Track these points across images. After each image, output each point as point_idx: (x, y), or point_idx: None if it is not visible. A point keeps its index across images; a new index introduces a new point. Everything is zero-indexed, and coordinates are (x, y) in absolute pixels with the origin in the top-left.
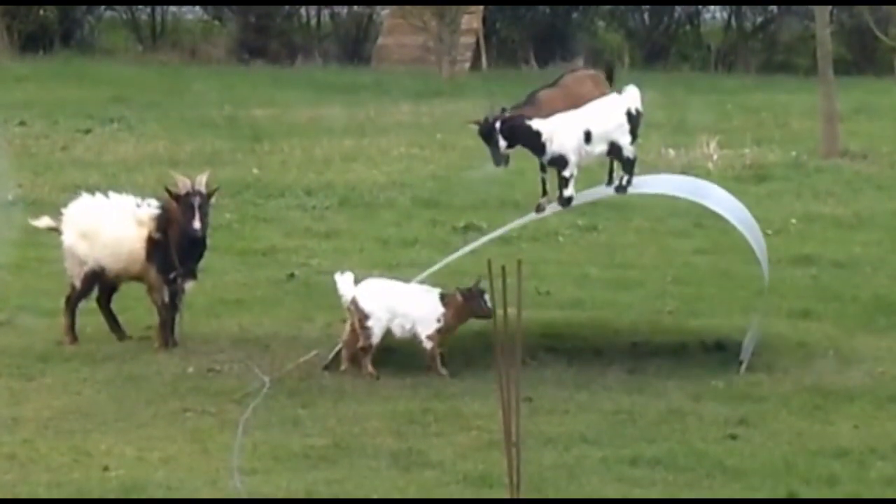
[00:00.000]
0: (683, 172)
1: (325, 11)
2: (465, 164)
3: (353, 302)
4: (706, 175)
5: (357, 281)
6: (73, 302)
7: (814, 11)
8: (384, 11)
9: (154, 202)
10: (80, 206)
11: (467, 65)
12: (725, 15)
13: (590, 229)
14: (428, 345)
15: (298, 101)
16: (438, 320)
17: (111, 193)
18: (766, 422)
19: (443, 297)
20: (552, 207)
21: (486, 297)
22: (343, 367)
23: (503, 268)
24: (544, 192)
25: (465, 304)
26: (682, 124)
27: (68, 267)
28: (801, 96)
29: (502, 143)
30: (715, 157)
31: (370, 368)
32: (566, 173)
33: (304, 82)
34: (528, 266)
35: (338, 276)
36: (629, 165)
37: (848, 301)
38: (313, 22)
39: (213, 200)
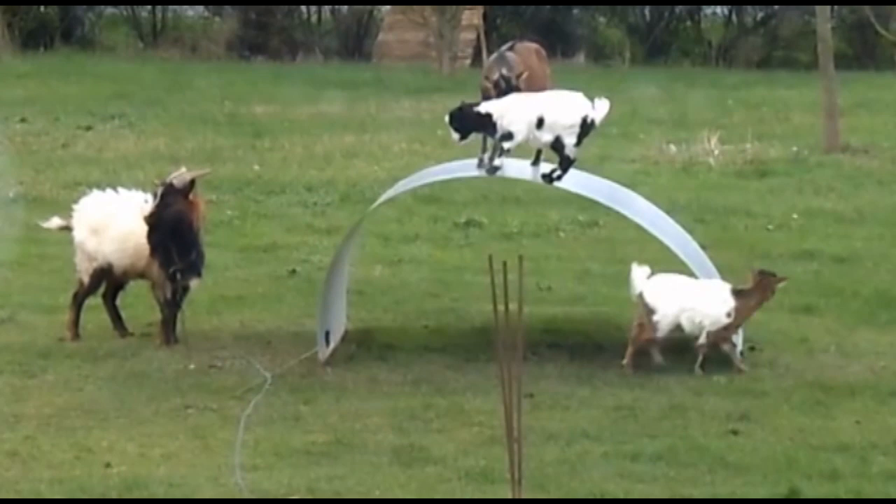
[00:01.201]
0: (684, 168)
1: (326, 7)
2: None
3: (640, 297)
4: (707, 171)
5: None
6: (80, 298)
7: (814, 7)
8: (385, 8)
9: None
10: (91, 201)
11: (468, 61)
12: (726, 10)
13: (591, 225)
14: (725, 347)
15: (299, 97)
16: (729, 315)
17: (120, 189)
18: (767, 417)
19: (736, 292)
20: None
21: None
22: (625, 361)
23: (504, 263)
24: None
25: (761, 293)
26: (683, 120)
27: (78, 262)
28: (802, 91)
29: (454, 135)
30: (716, 152)
31: (659, 358)
32: (506, 144)
33: (305, 78)
34: (529, 262)
35: (634, 268)
36: (567, 163)
37: (849, 296)
38: (314, 18)
39: (192, 191)
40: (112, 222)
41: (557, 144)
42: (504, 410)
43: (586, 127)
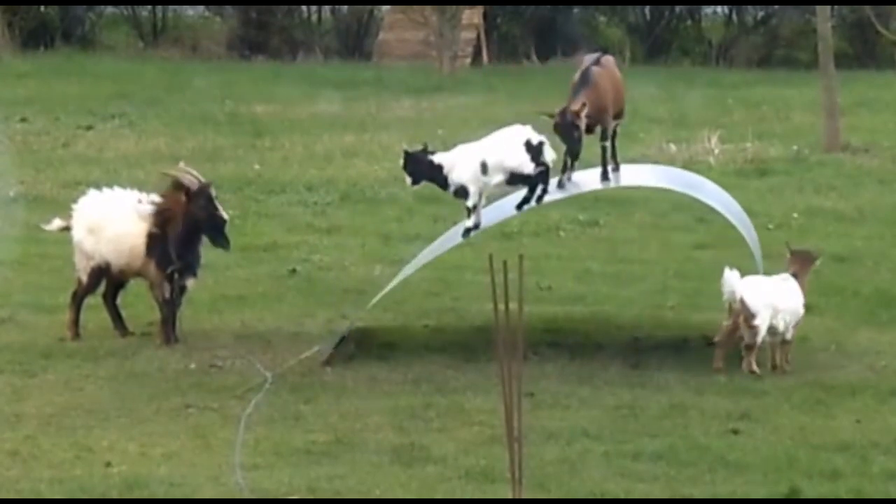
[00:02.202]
0: (684, 167)
1: (326, 7)
2: None
3: (742, 300)
4: (707, 170)
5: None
6: (79, 297)
7: (814, 6)
8: (385, 7)
9: (157, 197)
10: (88, 201)
11: (468, 60)
12: (726, 10)
13: (591, 224)
14: (790, 335)
15: (299, 96)
16: (804, 306)
17: (116, 188)
18: (767, 416)
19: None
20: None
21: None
22: (716, 364)
23: (504, 263)
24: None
25: (805, 274)
26: (684, 119)
27: (76, 262)
28: (803, 90)
29: (408, 179)
30: (716, 151)
31: (754, 366)
32: (468, 203)
33: (305, 78)
34: (530, 261)
35: (727, 271)
36: (541, 178)
37: (849, 295)
38: (314, 17)
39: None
40: (108, 221)
41: (515, 178)
42: (504, 410)
43: (533, 149)
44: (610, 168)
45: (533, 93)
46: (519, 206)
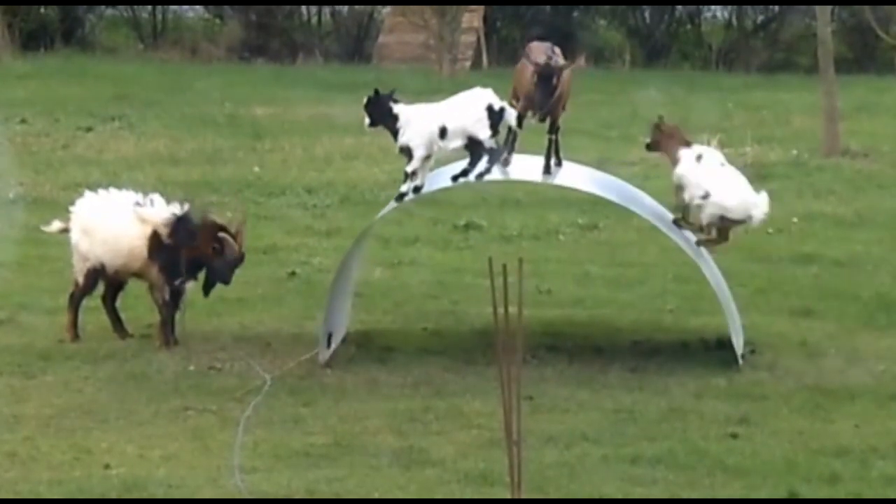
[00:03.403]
0: None
1: (326, 10)
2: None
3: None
4: None
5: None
6: (76, 298)
7: (815, 10)
8: (385, 10)
9: (158, 199)
10: (84, 203)
11: (468, 63)
12: (726, 14)
13: (591, 228)
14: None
15: (299, 99)
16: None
17: (112, 190)
18: (767, 420)
19: None
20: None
21: None
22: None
23: (504, 266)
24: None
25: None
26: (684, 123)
27: (74, 263)
28: (803, 95)
29: (366, 119)
30: None
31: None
32: (408, 168)
33: (305, 80)
34: (529, 264)
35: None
36: (492, 155)
37: (849, 300)
38: (314, 20)
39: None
40: (102, 224)
41: (472, 144)
42: (503, 413)
43: (495, 115)
44: (553, 163)
45: None
46: (455, 178)
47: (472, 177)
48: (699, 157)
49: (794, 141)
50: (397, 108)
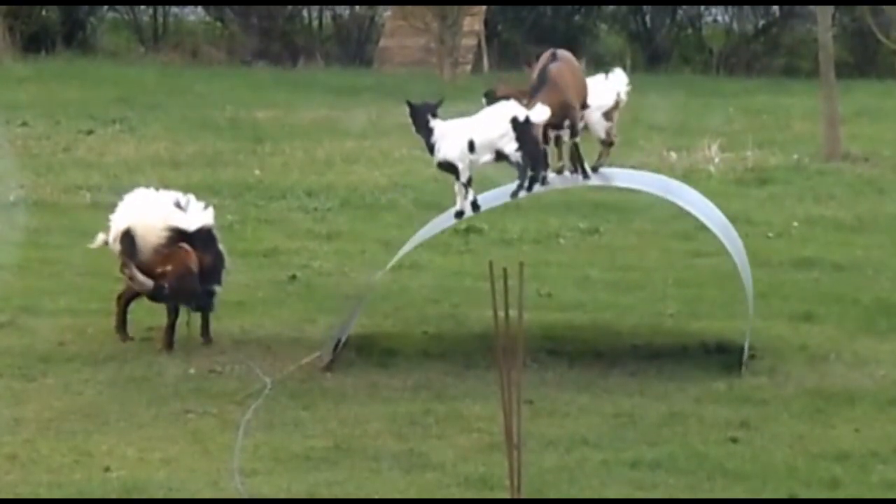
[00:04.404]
0: (685, 175)
1: (327, 13)
2: None
3: None
4: (707, 179)
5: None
6: (123, 300)
7: (816, 14)
8: (386, 13)
9: (193, 201)
10: (125, 202)
11: (469, 67)
12: (727, 18)
13: (591, 232)
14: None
15: (300, 102)
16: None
17: (152, 190)
18: (767, 425)
19: None
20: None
21: None
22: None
23: (504, 270)
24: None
25: None
26: (684, 127)
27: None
28: (803, 99)
29: (412, 127)
30: (716, 159)
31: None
32: (461, 180)
33: (306, 84)
34: (530, 268)
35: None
36: (522, 170)
37: (849, 304)
38: (315, 24)
39: None
40: (138, 224)
41: (503, 158)
42: (504, 417)
43: (520, 126)
44: (585, 166)
45: None
46: (513, 195)
47: (523, 192)
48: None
49: (795, 145)
50: (434, 123)
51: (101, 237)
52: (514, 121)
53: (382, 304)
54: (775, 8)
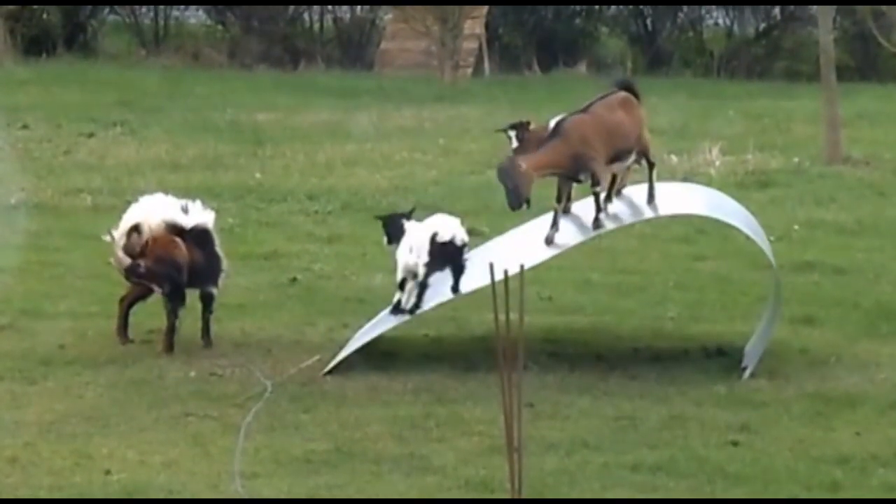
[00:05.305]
0: (686, 178)
1: (328, 16)
2: (468, 169)
3: None
4: (708, 182)
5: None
6: (126, 302)
7: (817, 17)
8: (387, 16)
9: (200, 205)
10: (139, 202)
11: (470, 70)
12: (728, 21)
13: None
14: None
15: (301, 105)
16: None
17: (158, 195)
18: (767, 428)
19: None
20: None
21: None
22: None
23: (505, 272)
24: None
25: None
26: (685, 130)
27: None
28: (804, 102)
29: (384, 238)
30: (717, 163)
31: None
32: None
33: (307, 87)
34: (530, 271)
35: None
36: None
37: (850, 308)
38: (316, 27)
39: None
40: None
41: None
42: (504, 420)
43: (434, 245)
44: (601, 215)
45: (534, 103)
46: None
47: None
48: None
49: (796, 149)
50: (408, 225)
51: (111, 234)
52: (433, 237)
53: (383, 307)
54: (776, 11)
